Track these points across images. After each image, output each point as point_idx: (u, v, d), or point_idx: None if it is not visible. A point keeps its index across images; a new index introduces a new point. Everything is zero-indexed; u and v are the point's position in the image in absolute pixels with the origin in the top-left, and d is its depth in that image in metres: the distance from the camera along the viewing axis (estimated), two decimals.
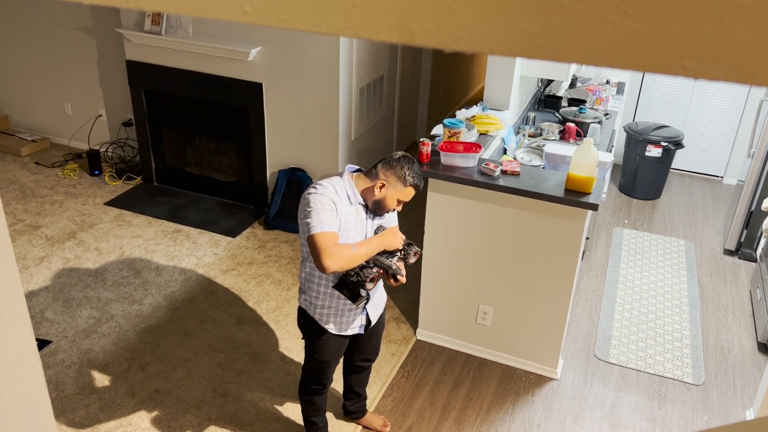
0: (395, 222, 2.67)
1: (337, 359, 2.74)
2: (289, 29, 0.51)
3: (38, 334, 3.63)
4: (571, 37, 0.44)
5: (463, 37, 0.47)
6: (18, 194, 5.12)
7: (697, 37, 0.41)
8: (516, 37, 0.45)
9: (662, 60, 0.42)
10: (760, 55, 0.40)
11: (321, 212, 2.32)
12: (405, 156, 2.47)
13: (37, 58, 5.66)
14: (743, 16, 0.39)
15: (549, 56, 0.45)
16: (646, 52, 0.42)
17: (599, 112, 4.53)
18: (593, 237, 4.85)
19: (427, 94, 6.27)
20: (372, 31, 0.50)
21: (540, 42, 0.44)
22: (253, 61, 4.53)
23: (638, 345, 3.77)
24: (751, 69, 0.41)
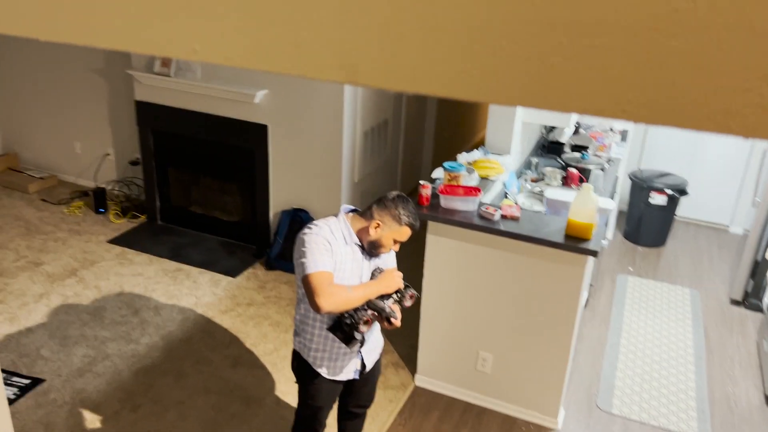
0: (393, 263, 2.65)
1: (330, 405, 2.69)
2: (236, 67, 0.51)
3: (32, 372, 3.59)
4: (510, 79, 0.43)
5: (406, 77, 0.46)
6: (23, 230, 5.15)
7: (636, 81, 0.40)
8: (456, 79, 0.44)
9: (602, 104, 0.42)
10: (699, 100, 0.39)
11: (316, 252, 2.31)
12: (400, 195, 2.46)
13: (48, 98, 5.77)
14: (681, 61, 0.38)
15: (488, 98, 0.45)
16: (586, 95, 0.41)
17: (602, 158, 4.53)
18: (597, 284, 4.79)
19: (432, 138, 6.31)
20: (316, 70, 0.49)
21: (480, 83, 0.44)
22: (259, 103, 4.59)
23: (642, 396, 3.68)
24: (689, 114, 0.40)
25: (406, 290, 2.51)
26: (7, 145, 6.20)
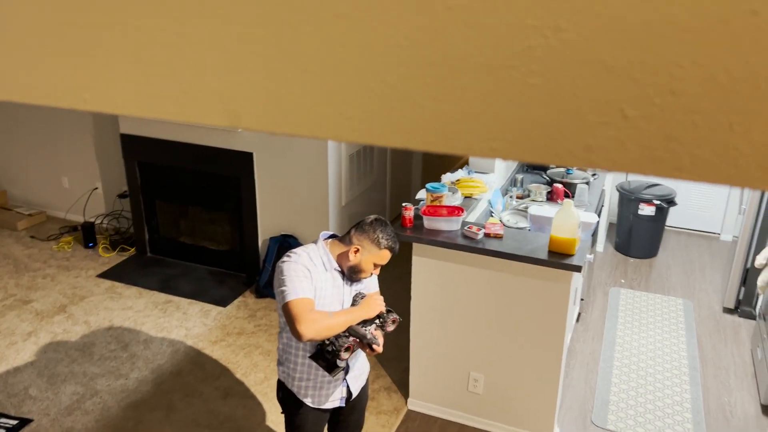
0: (376, 287, 2.64)
1: None
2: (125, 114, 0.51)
3: (20, 413, 3.55)
4: (387, 121, 0.43)
5: (287, 122, 0.46)
6: (11, 269, 5.13)
7: (501, 119, 0.40)
8: (336, 122, 0.44)
9: (472, 142, 0.42)
10: (558, 135, 0.39)
11: (295, 279, 2.30)
12: (378, 219, 2.46)
13: (35, 134, 5.79)
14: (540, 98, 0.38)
15: (367, 139, 0.45)
16: (455, 134, 0.41)
17: (587, 172, 4.54)
18: (589, 298, 4.77)
19: (420, 159, 6.33)
20: (202, 115, 0.49)
21: (357, 126, 0.44)
22: (242, 131, 4.61)
23: (637, 410, 3.65)
24: (554, 150, 0.40)
25: (388, 315, 2.50)
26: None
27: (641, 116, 0.37)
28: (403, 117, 0.43)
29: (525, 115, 0.39)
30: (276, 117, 0.46)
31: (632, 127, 0.38)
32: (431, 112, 0.42)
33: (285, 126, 0.47)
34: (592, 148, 0.39)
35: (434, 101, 0.42)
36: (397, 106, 0.43)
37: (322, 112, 0.45)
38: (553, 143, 0.39)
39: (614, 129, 0.38)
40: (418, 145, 0.44)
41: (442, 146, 0.42)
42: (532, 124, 0.39)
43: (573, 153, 0.39)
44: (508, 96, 0.39)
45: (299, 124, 0.46)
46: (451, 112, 0.41)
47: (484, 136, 0.41)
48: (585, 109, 0.38)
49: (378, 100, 0.43)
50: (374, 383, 3.84)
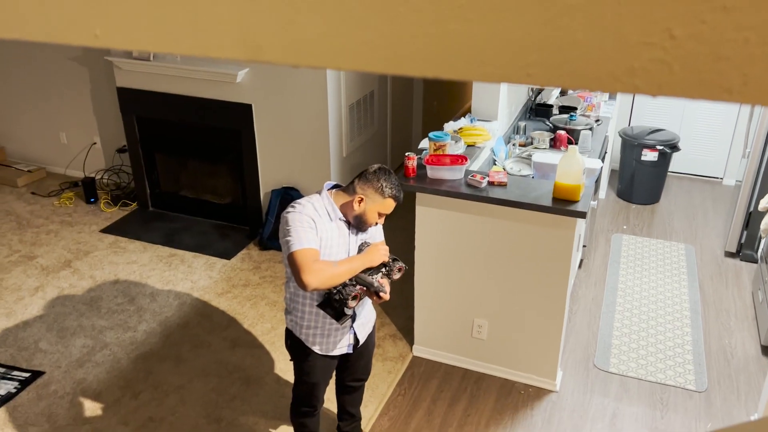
0: (381, 237, 2.64)
1: (326, 380, 2.70)
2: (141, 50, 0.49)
3: (32, 365, 3.61)
4: (412, 48, 0.41)
5: (309, 52, 0.44)
6: (14, 225, 5.13)
7: (539, 43, 0.38)
8: (358, 51, 0.42)
9: (507, 69, 0.40)
10: (601, 59, 0.37)
11: (300, 230, 2.30)
12: (381, 168, 2.44)
13: (31, 90, 5.71)
14: (578, 18, 0.36)
15: (393, 69, 0.43)
16: (489, 61, 0.39)
17: (590, 118, 4.49)
18: (591, 245, 4.79)
19: (420, 108, 6.26)
20: (218, 49, 0.47)
21: (382, 54, 0.42)
22: (241, 82, 4.54)
23: (639, 353, 3.70)
24: (594, 74, 0.38)
25: (393, 263, 2.51)
26: None
27: (689, 35, 0.35)
28: (432, 43, 0.41)
29: (564, 37, 0.38)
30: (298, 49, 0.45)
31: (679, 47, 0.36)
32: (462, 37, 0.40)
33: (308, 58, 0.45)
34: (636, 72, 0.37)
35: (465, 24, 0.40)
36: (425, 31, 0.41)
37: (346, 42, 0.43)
38: (595, 67, 0.37)
39: (660, 50, 0.36)
40: (448, 73, 0.42)
41: (474, 74, 0.41)
42: (572, 47, 0.38)
43: (616, 77, 0.38)
44: (546, 16, 0.37)
45: (323, 56, 0.44)
46: (485, 36, 0.39)
47: (520, 62, 0.39)
48: (629, 29, 0.36)
49: (405, 25, 0.41)
50: (380, 331, 3.89)
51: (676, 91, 0.37)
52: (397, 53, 0.42)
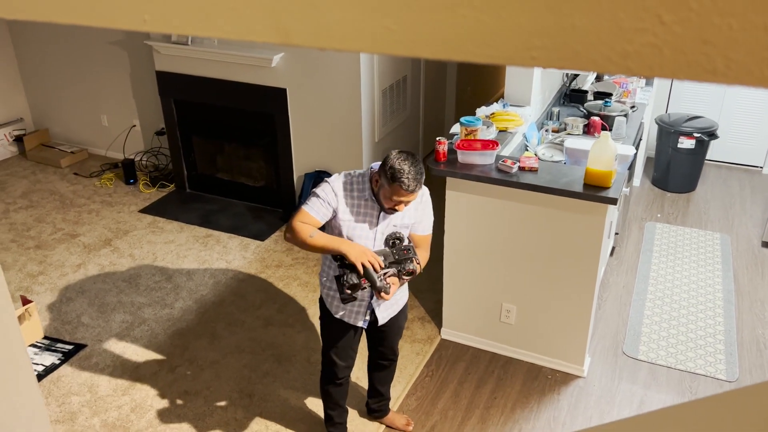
0: (426, 230, 2.60)
1: (345, 350, 2.75)
2: (182, 34, 0.54)
3: (75, 339, 3.77)
4: (426, 32, 0.45)
5: (334, 36, 0.48)
6: (58, 204, 5.32)
7: (541, 27, 0.41)
8: (379, 34, 0.46)
9: (511, 51, 0.43)
10: (597, 42, 0.40)
11: (315, 198, 2.45)
12: (401, 153, 2.40)
13: (74, 74, 5.88)
14: (577, 4, 0.40)
15: (409, 51, 0.47)
16: (495, 43, 0.43)
17: (626, 104, 4.44)
18: (623, 232, 4.75)
19: (453, 94, 6.25)
20: (252, 32, 0.52)
21: (400, 38, 0.46)
22: (276, 67, 4.61)
23: (669, 341, 3.69)
24: (591, 57, 0.41)
25: (407, 263, 2.45)
26: (38, 121, 6.36)
27: (678, 21, 0.38)
28: (444, 28, 0.44)
29: (564, 23, 0.41)
30: (323, 33, 0.49)
31: (669, 32, 0.39)
32: (472, 22, 0.44)
33: (333, 41, 0.49)
34: (630, 55, 0.40)
35: (474, 10, 0.43)
36: (437, 16, 0.44)
37: (367, 27, 0.47)
38: (592, 50, 0.41)
39: (651, 35, 0.39)
40: (458, 55, 0.46)
41: (483, 56, 0.44)
42: (572, 32, 0.41)
43: (611, 60, 0.41)
44: (548, 3, 0.41)
45: (346, 39, 0.48)
46: (492, 21, 0.43)
47: (524, 45, 0.43)
48: (623, 15, 0.40)
49: (420, 11, 0.45)
50: (408, 314, 3.94)
51: (665, 72, 0.40)
52: (413, 36, 0.45)
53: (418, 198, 2.54)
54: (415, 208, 2.55)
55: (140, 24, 0.55)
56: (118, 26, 0.56)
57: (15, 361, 1.10)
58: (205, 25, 0.52)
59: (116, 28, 0.54)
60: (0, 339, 1.06)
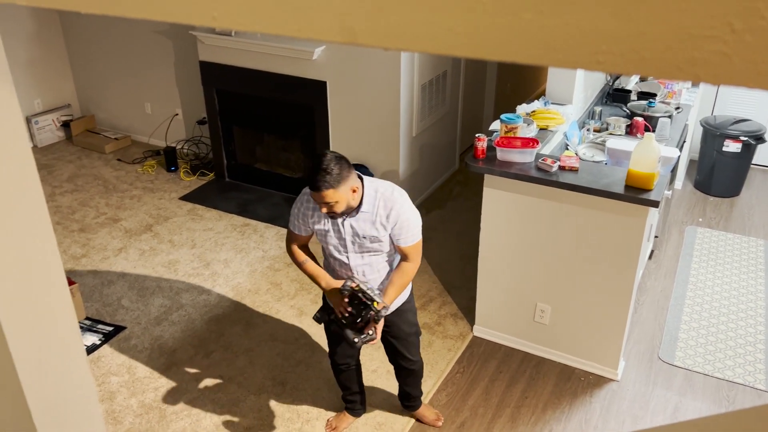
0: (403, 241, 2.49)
1: (337, 342, 2.82)
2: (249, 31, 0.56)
3: (115, 321, 3.87)
4: (490, 35, 0.46)
5: (398, 36, 0.49)
6: (101, 189, 5.46)
7: (608, 32, 0.42)
8: (443, 36, 0.47)
9: (576, 56, 0.44)
10: (665, 49, 0.41)
11: (293, 216, 2.58)
12: (319, 155, 2.34)
13: (120, 62, 6.01)
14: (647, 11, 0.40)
15: (473, 53, 0.47)
16: (561, 47, 0.44)
17: (670, 105, 4.35)
18: (663, 236, 4.67)
19: (493, 90, 6.20)
20: (317, 32, 0.53)
21: (464, 40, 0.47)
22: (317, 59, 4.64)
23: (707, 348, 3.61)
24: (658, 63, 0.42)
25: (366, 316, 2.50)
26: (84, 108, 6.53)
27: (749, 29, 0.38)
28: (509, 31, 0.45)
29: (633, 28, 0.41)
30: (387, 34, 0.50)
31: (739, 40, 0.39)
32: (536, 27, 0.44)
33: (397, 42, 0.50)
34: (698, 62, 0.40)
35: (539, 15, 0.44)
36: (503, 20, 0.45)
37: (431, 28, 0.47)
38: (660, 57, 0.41)
39: (721, 42, 0.39)
40: (521, 58, 0.46)
41: (547, 59, 0.45)
42: (639, 38, 0.41)
43: (678, 67, 0.41)
44: (615, 9, 0.41)
45: (409, 40, 0.49)
46: (558, 25, 0.43)
47: (591, 50, 0.43)
48: (692, 22, 0.40)
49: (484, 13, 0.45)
50: (440, 309, 3.95)
51: (734, 80, 0.40)
52: (477, 39, 0.46)
53: (382, 211, 2.41)
54: (372, 221, 2.43)
55: (209, 20, 0.57)
56: (188, 22, 0.58)
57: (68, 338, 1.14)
58: (271, 23, 0.54)
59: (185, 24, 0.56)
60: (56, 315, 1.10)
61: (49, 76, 6.24)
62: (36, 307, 1.10)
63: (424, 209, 5.13)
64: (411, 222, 2.46)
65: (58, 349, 1.15)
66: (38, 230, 1.03)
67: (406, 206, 2.45)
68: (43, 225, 1.06)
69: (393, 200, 2.43)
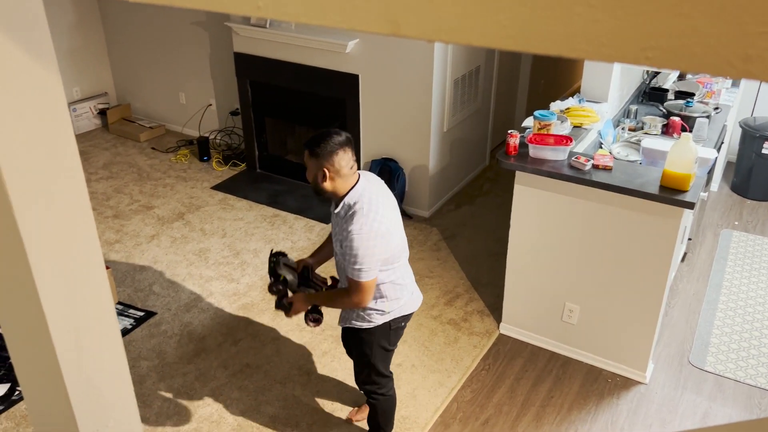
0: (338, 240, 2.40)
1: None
2: (293, 21, 0.57)
3: (146, 306, 3.94)
4: (539, 28, 0.45)
5: (443, 29, 0.49)
6: (135, 177, 5.55)
7: (658, 27, 0.41)
8: (491, 29, 0.47)
9: (625, 50, 0.43)
10: (718, 45, 0.40)
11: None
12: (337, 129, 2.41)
13: (157, 52, 6.10)
14: (700, 7, 0.40)
15: (520, 47, 0.47)
16: (609, 42, 0.43)
17: (709, 106, 4.26)
18: (697, 238, 4.58)
19: (526, 86, 6.14)
20: (363, 23, 0.53)
21: (512, 33, 0.46)
22: (350, 53, 4.65)
23: (739, 354, 3.54)
24: (710, 59, 0.41)
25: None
26: (121, 96, 6.65)
27: None
28: (557, 25, 0.45)
29: (684, 24, 0.41)
30: (434, 25, 0.50)
31: None
32: (587, 20, 0.44)
33: (443, 34, 0.50)
34: (752, 59, 0.39)
35: (589, 8, 0.43)
36: (551, 13, 0.45)
37: (479, 20, 0.47)
38: (712, 53, 0.40)
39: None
40: (570, 52, 0.46)
41: (595, 54, 0.44)
42: (691, 33, 0.41)
43: (731, 63, 0.40)
44: (667, 3, 0.41)
45: (456, 32, 0.49)
46: (608, 20, 0.43)
47: (640, 45, 0.42)
48: (748, 18, 0.39)
49: (534, 7, 0.45)
50: (467, 306, 3.94)
51: None
52: (525, 33, 0.46)
53: (344, 224, 2.32)
54: (339, 225, 2.39)
55: (254, 10, 0.57)
56: (234, 11, 0.58)
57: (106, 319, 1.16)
58: (316, 13, 0.54)
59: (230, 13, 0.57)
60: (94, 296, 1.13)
61: (88, 65, 6.37)
62: (75, 288, 1.12)
63: (453, 204, 5.11)
64: (355, 253, 2.27)
65: (95, 330, 1.17)
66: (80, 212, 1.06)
67: (359, 236, 2.27)
68: (84, 208, 1.08)
69: (354, 221, 2.29)
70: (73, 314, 1.14)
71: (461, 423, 3.15)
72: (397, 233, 2.42)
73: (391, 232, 2.37)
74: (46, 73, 0.90)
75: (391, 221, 2.39)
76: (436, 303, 3.97)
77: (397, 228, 2.44)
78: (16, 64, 0.87)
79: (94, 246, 1.15)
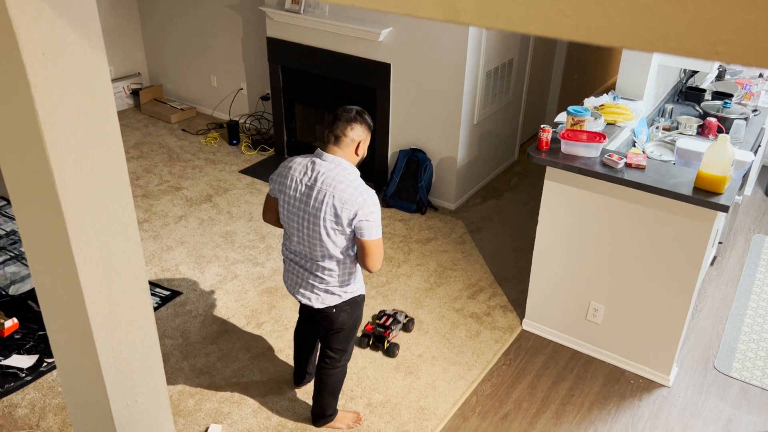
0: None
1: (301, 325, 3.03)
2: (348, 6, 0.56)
3: (172, 285, 4.00)
4: (603, 19, 0.44)
5: (503, 16, 0.48)
6: (165, 157, 5.62)
7: (729, 21, 0.40)
8: (551, 18, 0.46)
9: (694, 44, 0.42)
10: None
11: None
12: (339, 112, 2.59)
13: (190, 35, 6.14)
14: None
15: (582, 37, 0.46)
16: (677, 35, 0.42)
17: (747, 107, 4.17)
18: (728, 242, 4.50)
19: (559, 81, 6.07)
20: (420, 9, 0.52)
21: (573, 23, 0.45)
22: (383, 41, 4.63)
23: (766, 361, 3.48)
24: None
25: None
26: (153, 77, 6.71)
27: None
28: (622, 16, 0.44)
29: (760, 18, 0.39)
30: (494, 12, 0.49)
31: None
32: (654, 12, 0.43)
33: (502, 21, 0.49)
34: None
35: (659, 1, 0.42)
36: (617, 5, 0.44)
37: (540, 9, 0.46)
38: None
39: None
40: (634, 45, 0.45)
41: (661, 47, 0.43)
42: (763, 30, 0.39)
43: None
44: None
45: (515, 20, 0.48)
46: (676, 12, 0.42)
47: (709, 39, 0.41)
48: None
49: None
50: (490, 300, 3.92)
51: None
52: (587, 23, 0.45)
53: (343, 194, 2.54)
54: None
55: None
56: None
57: (139, 296, 1.18)
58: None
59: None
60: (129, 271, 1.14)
61: (123, 45, 6.44)
62: (112, 262, 1.14)
63: (479, 198, 5.09)
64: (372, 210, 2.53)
65: (129, 305, 1.19)
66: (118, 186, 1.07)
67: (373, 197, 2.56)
68: (122, 182, 1.10)
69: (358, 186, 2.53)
70: (109, 288, 1.16)
71: (480, 416, 3.15)
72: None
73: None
74: (92, 50, 0.91)
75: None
76: (459, 296, 3.96)
77: None
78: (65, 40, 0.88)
79: (130, 220, 1.17)
